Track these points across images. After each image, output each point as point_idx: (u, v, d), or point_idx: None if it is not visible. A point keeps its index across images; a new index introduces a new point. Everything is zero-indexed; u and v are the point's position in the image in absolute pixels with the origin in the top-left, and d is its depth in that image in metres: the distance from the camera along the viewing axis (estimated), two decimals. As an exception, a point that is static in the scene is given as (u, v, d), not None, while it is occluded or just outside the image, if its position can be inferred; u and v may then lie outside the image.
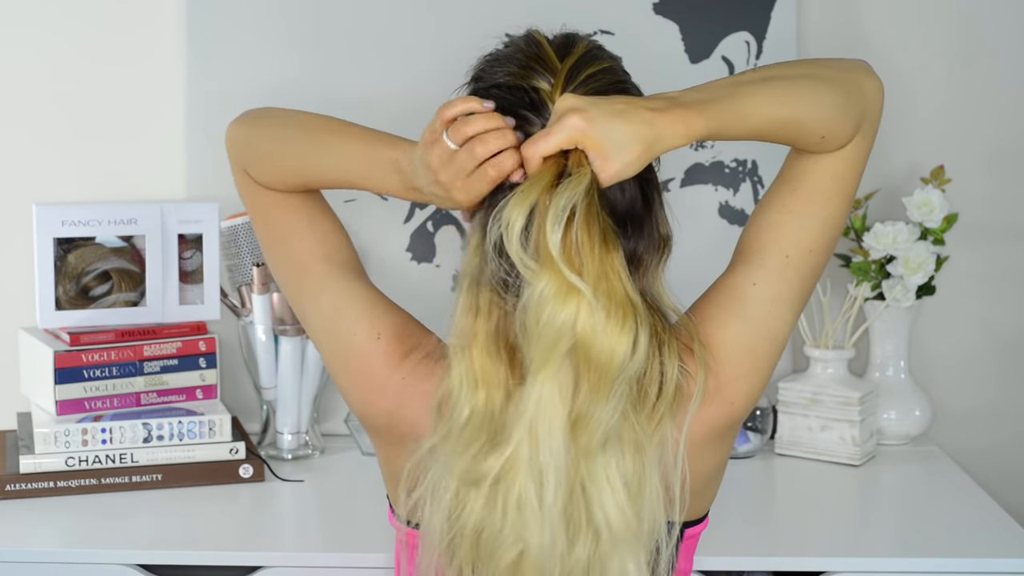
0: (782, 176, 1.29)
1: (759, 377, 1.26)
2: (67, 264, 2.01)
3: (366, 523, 1.80)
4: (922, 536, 1.82)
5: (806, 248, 1.27)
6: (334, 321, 1.29)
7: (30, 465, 1.90)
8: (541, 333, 1.11)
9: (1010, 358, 2.26)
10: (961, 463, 2.17)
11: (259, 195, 1.38)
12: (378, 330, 1.27)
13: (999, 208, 2.23)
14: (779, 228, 1.27)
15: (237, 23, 2.13)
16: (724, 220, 2.18)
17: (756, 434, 2.10)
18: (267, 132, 1.37)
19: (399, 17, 2.14)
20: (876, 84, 1.29)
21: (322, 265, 1.32)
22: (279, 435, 2.08)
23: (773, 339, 1.26)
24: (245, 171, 1.38)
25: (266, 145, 1.36)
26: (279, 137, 1.36)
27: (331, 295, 1.30)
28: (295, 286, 1.34)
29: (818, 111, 1.22)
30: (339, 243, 1.35)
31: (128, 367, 1.97)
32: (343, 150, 1.29)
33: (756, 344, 1.25)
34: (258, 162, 1.36)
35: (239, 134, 1.40)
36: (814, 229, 1.27)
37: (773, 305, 1.26)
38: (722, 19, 2.16)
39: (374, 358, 1.26)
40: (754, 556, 1.71)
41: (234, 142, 1.40)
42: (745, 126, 1.20)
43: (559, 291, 1.10)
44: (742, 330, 1.25)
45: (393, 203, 2.16)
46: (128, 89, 2.16)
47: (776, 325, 1.26)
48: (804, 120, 1.21)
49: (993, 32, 2.20)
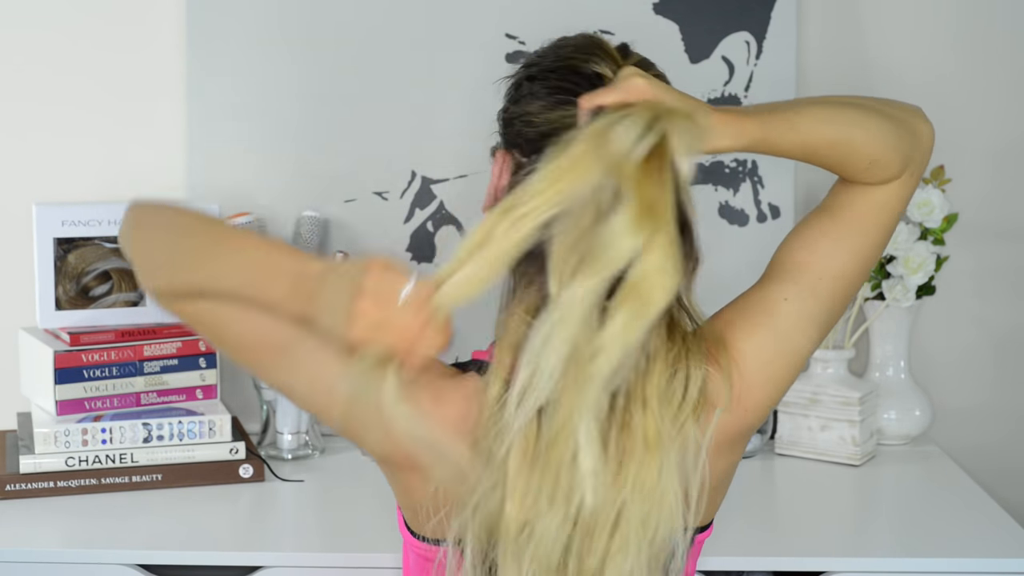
0: (825, 203, 1.31)
1: (776, 390, 1.27)
2: (67, 264, 2.01)
3: (366, 523, 1.80)
4: (922, 536, 1.82)
5: (839, 273, 1.28)
6: (324, 381, 1.20)
7: (30, 465, 1.90)
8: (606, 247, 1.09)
9: (1010, 358, 2.26)
10: (961, 463, 2.17)
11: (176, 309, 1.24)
12: None
13: (999, 208, 2.23)
14: (815, 250, 1.28)
15: (237, 22, 2.13)
16: (724, 220, 2.18)
17: (756, 434, 2.10)
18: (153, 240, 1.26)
19: (396, 13, 2.14)
20: (929, 128, 1.30)
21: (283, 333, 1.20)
22: (279, 435, 2.08)
23: (796, 355, 1.27)
24: (149, 286, 1.26)
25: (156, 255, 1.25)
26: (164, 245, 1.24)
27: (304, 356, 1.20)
28: (266, 370, 1.24)
29: (869, 137, 1.23)
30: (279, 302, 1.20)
31: (128, 367, 1.97)
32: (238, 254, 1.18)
33: (778, 356, 1.26)
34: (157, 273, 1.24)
35: (135, 244, 1.29)
36: (850, 257, 1.28)
37: (801, 321, 1.27)
38: (722, 19, 2.16)
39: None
40: (754, 556, 1.71)
41: (133, 251, 1.29)
42: (795, 140, 1.21)
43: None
44: (767, 342, 1.26)
45: (393, 203, 2.16)
46: (128, 89, 2.16)
47: (801, 342, 1.27)
48: (854, 143, 1.23)
49: (993, 32, 2.20)
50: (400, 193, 2.17)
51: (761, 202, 2.18)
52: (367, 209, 2.16)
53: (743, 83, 2.16)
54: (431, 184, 2.17)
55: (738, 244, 2.15)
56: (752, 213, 2.18)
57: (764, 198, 2.18)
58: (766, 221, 2.18)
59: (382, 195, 2.16)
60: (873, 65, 2.19)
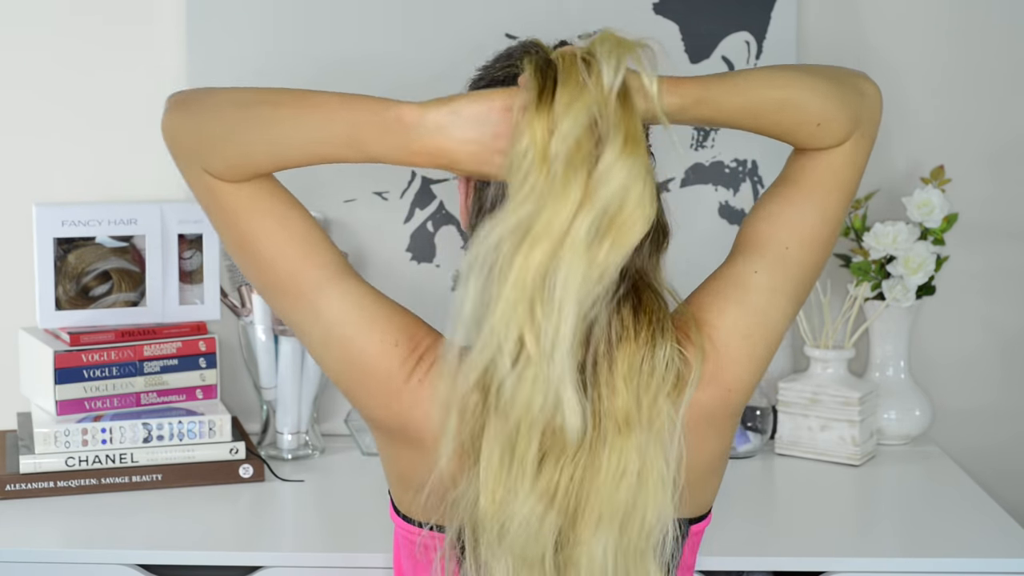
0: (783, 174, 1.31)
1: (756, 366, 1.27)
2: (67, 264, 2.01)
3: (366, 523, 1.80)
4: (922, 536, 1.82)
5: (806, 240, 1.28)
6: (341, 332, 1.22)
7: (30, 465, 1.90)
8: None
9: (1010, 358, 2.26)
10: (961, 463, 2.17)
11: (224, 196, 1.23)
12: (395, 337, 1.22)
13: (999, 208, 2.23)
14: (779, 220, 1.28)
15: (238, 22, 2.13)
16: (724, 220, 2.18)
17: (756, 434, 2.10)
18: (220, 112, 1.22)
19: (396, 13, 2.14)
20: (874, 87, 1.31)
21: (312, 273, 1.23)
22: (279, 435, 2.08)
23: (771, 328, 1.27)
24: (201, 166, 1.23)
25: (223, 126, 1.21)
26: (237, 116, 1.21)
27: (332, 305, 1.22)
28: (285, 301, 1.25)
29: (815, 96, 1.24)
30: (319, 243, 1.24)
31: (128, 367, 1.97)
32: (320, 113, 1.18)
33: (753, 331, 1.26)
34: (216, 149, 1.21)
35: (183, 124, 1.24)
36: (814, 222, 1.28)
37: (773, 295, 1.27)
38: (722, 19, 2.16)
39: (392, 364, 1.22)
40: (754, 556, 1.71)
41: (179, 134, 1.25)
42: (738, 102, 1.21)
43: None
44: (740, 316, 1.26)
45: (393, 203, 2.16)
46: (128, 89, 2.16)
47: (775, 316, 1.27)
48: (800, 103, 1.23)
49: (993, 32, 2.20)
50: (400, 193, 2.17)
51: (761, 202, 2.18)
52: (367, 209, 2.16)
53: (743, 83, 2.16)
54: (431, 184, 2.17)
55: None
56: (752, 213, 2.18)
57: (764, 198, 2.18)
58: (766, 221, 2.18)
59: (382, 195, 2.17)
60: (873, 65, 2.19)
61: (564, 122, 1.10)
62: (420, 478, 1.23)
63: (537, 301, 1.10)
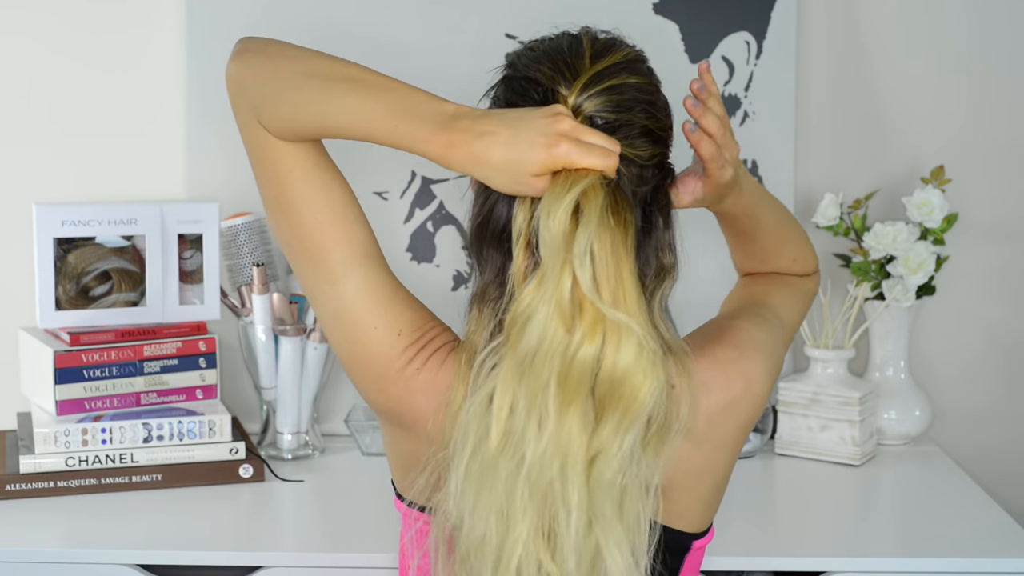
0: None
1: (774, 363, 1.34)
2: (67, 264, 2.01)
3: (366, 523, 1.80)
4: (922, 536, 1.82)
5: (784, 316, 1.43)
6: (352, 311, 1.25)
7: (30, 465, 1.90)
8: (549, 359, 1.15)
9: (1010, 358, 2.26)
10: (961, 463, 2.17)
11: (271, 151, 1.25)
12: (400, 327, 1.24)
13: (999, 208, 2.23)
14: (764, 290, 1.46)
15: (238, 21, 2.13)
16: (724, 220, 2.18)
17: (756, 434, 2.10)
18: (279, 67, 1.24)
19: (396, 14, 2.14)
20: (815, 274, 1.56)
21: (341, 250, 1.25)
22: (279, 435, 2.08)
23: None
24: (256, 117, 1.24)
25: (280, 85, 1.23)
26: (296, 79, 1.22)
27: (351, 286, 1.24)
28: (308, 268, 1.26)
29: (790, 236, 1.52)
30: (355, 220, 1.27)
31: (128, 367, 1.97)
32: (373, 94, 1.20)
33: (767, 336, 1.36)
34: (273, 105, 1.23)
35: (246, 72, 1.26)
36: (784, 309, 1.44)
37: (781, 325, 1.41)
38: (722, 19, 2.16)
39: (392, 350, 1.24)
40: (754, 556, 1.71)
41: (242, 81, 1.26)
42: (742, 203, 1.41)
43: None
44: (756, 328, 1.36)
45: (393, 203, 2.16)
46: (128, 88, 2.16)
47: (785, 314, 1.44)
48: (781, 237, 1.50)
49: (993, 32, 2.20)
50: (400, 193, 2.17)
51: (761, 202, 2.18)
52: (367, 209, 2.14)
53: (743, 83, 2.16)
54: (431, 184, 2.17)
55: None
56: (752, 213, 2.18)
57: (764, 198, 2.18)
58: (766, 221, 2.18)
59: (382, 195, 2.17)
60: (873, 65, 2.19)
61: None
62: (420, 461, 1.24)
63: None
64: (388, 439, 1.32)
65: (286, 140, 1.24)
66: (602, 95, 1.20)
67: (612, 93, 1.21)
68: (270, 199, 1.27)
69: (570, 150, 1.13)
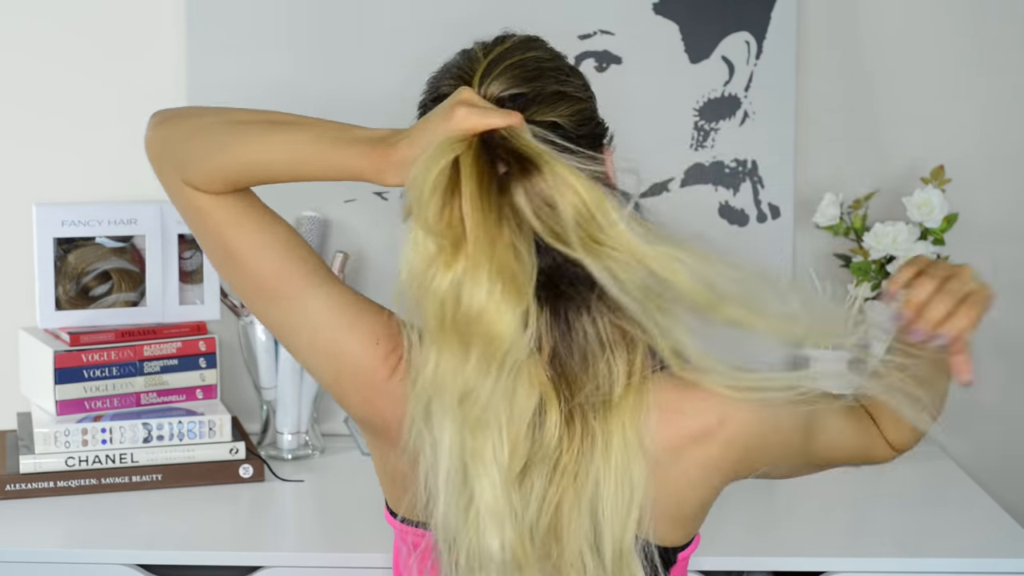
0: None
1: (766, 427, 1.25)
2: (67, 264, 2.01)
3: (366, 523, 1.80)
4: (922, 536, 1.82)
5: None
6: (326, 332, 1.25)
7: (30, 465, 1.90)
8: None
9: (1010, 358, 2.26)
10: (961, 463, 2.17)
11: (206, 210, 1.25)
12: (376, 335, 1.25)
13: (999, 208, 2.23)
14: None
15: (237, 20, 2.13)
16: (724, 220, 2.18)
17: (756, 434, 2.10)
18: (201, 126, 1.25)
19: (395, 13, 2.14)
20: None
21: (296, 279, 1.25)
22: (279, 435, 2.08)
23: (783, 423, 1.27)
24: (182, 177, 1.24)
25: (211, 134, 1.24)
26: (220, 129, 1.24)
27: (317, 308, 1.24)
28: (271, 308, 1.26)
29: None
30: (300, 249, 1.26)
31: (128, 367, 1.97)
32: (300, 129, 1.22)
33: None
34: (202, 158, 1.23)
35: (167, 135, 1.27)
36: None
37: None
38: (722, 19, 2.16)
39: (374, 362, 1.24)
40: (754, 556, 1.71)
41: (164, 144, 1.27)
42: None
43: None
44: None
45: (392, 203, 2.16)
46: (128, 88, 2.16)
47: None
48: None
49: (993, 32, 2.20)
50: (400, 193, 2.17)
51: (761, 202, 2.18)
52: (367, 209, 2.16)
53: (743, 83, 2.16)
54: (431, 184, 2.16)
55: (738, 244, 2.15)
56: (752, 213, 2.18)
57: (764, 198, 2.18)
58: (766, 221, 2.18)
59: (382, 195, 2.17)
60: (873, 65, 2.19)
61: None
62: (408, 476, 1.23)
63: None
64: (376, 456, 1.32)
65: (216, 193, 1.24)
66: (503, 74, 1.20)
67: (513, 68, 1.21)
68: (218, 256, 1.28)
69: (469, 112, 1.14)
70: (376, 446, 1.31)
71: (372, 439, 1.31)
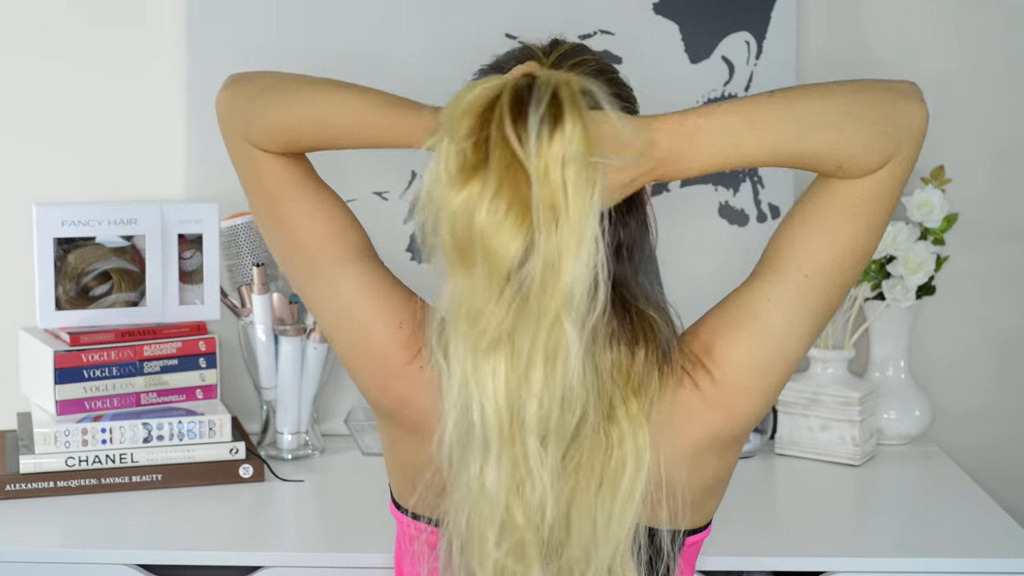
0: (810, 192, 1.24)
1: (766, 397, 1.24)
2: (67, 264, 2.01)
3: (366, 523, 1.80)
4: (922, 536, 1.82)
5: (827, 269, 1.22)
6: (352, 310, 1.26)
7: (30, 465, 1.90)
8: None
9: (1010, 358, 2.26)
10: (961, 463, 2.17)
11: (263, 169, 1.29)
12: (400, 318, 1.25)
13: (999, 208, 2.23)
14: (800, 245, 1.22)
15: (238, 22, 2.13)
16: (724, 220, 2.18)
17: (756, 434, 2.10)
18: (268, 82, 1.31)
19: (395, 14, 2.14)
20: (920, 111, 1.20)
21: (334, 251, 1.28)
22: (279, 435, 2.08)
23: (786, 359, 1.23)
24: (244, 134, 1.29)
25: (274, 93, 1.29)
26: (286, 87, 1.29)
27: (348, 284, 1.26)
28: (305, 275, 1.29)
29: (836, 145, 1.17)
30: (346, 222, 1.30)
31: (128, 367, 1.97)
32: (361, 92, 1.27)
33: (768, 363, 1.23)
34: (266, 114, 1.27)
35: (235, 93, 1.32)
36: (836, 252, 1.21)
37: (789, 326, 1.22)
38: (722, 19, 2.16)
39: (395, 346, 1.25)
40: (754, 556, 1.71)
41: (231, 102, 1.32)
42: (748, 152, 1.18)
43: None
44: (755, 348, 1.22)
45: (393, 203, 2.16)
46: (128, 89, 2.16)
47: (791, 347, 1.23)
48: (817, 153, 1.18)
49: (993, 32, 2.20)
50: (400, 193, 2.17)
51: (761, 202, 2.19)
52: (367, 209, 2.16)
53: (743, 83, 2.16)
54: (431, 184, 2.16)
55: (738, 244, 2.15)
56: (752, 213, 2.18)
57: (764, 198, 2.18)
58: (766, 221, 2.18)
59: (382, 195, 2.17)
60: (874, 65, 2.19)
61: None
62: (419, 467, 1.23)
63: None
64: (387, 443, 1.31)
65: (276, 152, 1.29)
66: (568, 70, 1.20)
67: (576, 66, 1.21)
68: (264, 215, 1.32)
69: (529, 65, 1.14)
70: (387, 433, 1.31)
71: (384, 424, 1.31)
